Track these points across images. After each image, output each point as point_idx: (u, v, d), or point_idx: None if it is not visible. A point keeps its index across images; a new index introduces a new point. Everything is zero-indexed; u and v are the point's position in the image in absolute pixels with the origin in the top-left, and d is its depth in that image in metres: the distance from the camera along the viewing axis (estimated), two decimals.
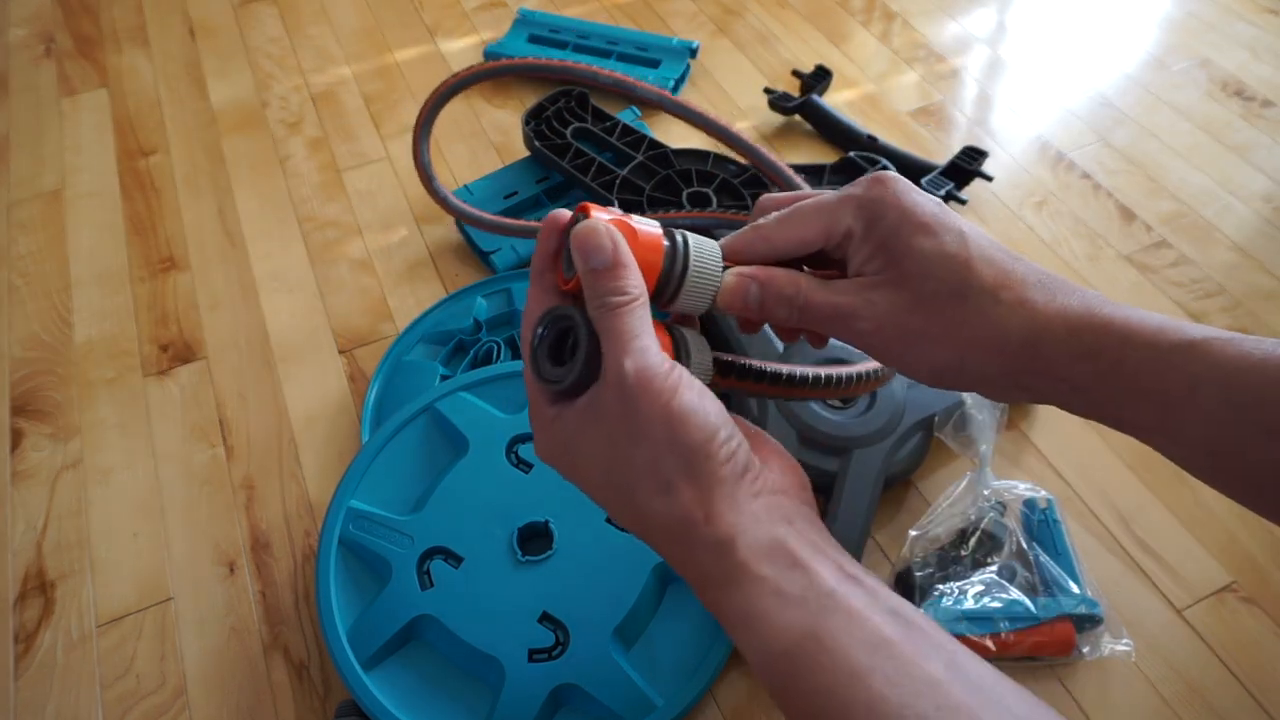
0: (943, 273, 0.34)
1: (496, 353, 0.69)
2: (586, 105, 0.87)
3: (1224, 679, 0.55)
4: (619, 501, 0.34)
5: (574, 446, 0.35)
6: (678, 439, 0.32)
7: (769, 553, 0.32)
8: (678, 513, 0.32)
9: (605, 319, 0.33)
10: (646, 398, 0.32)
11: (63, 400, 0.71)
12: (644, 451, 0.32)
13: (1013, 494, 0.61)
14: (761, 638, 0.31)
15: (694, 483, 0.32)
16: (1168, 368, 0.32)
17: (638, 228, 0.35)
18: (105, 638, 0.59)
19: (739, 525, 0.32)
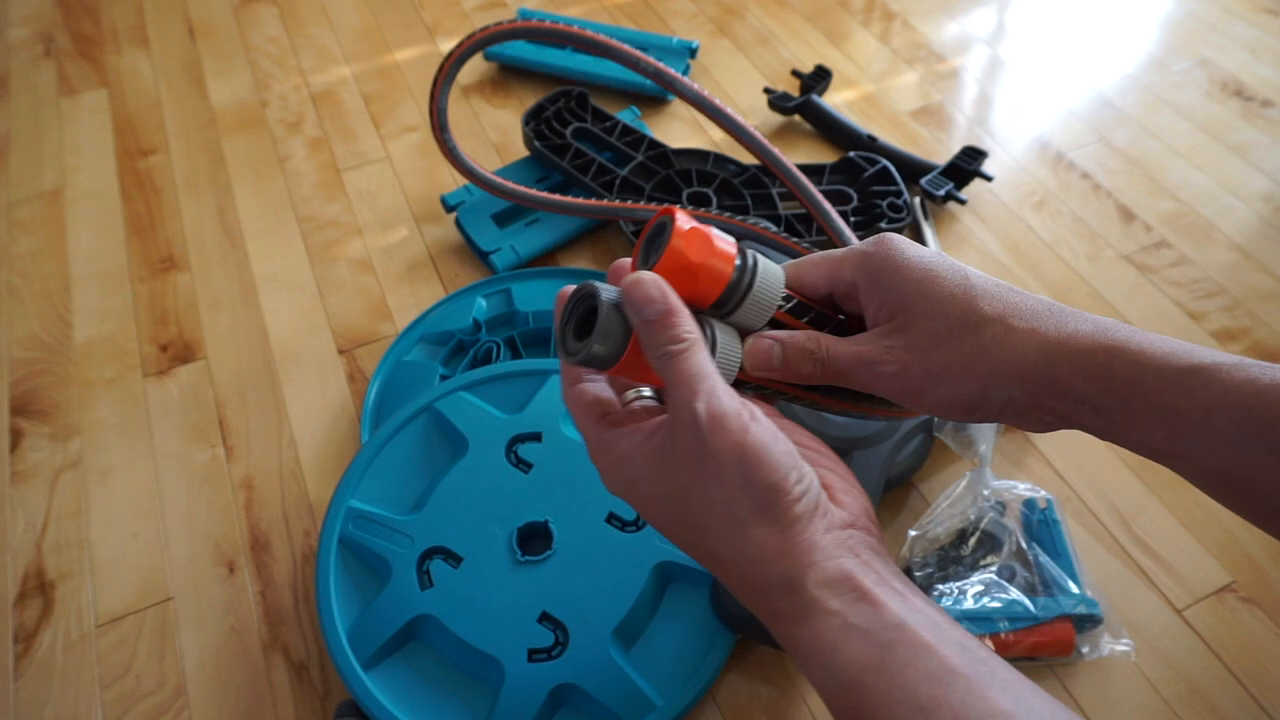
0: (951, 309, 0.36)
1: (496, 353, 0.69)
2: (586, 105, 0.87)
3: (1224, 679, 0.55)
4: (691, 538, 0.36)
5: (645, 486, 0.36)
6: (751, 478, 0.33)
7: (837, 586, 0.32)
8: (751, 552, 0.33)
9: (668, 367, 0.34)
10: (718, 437, 0.33)
11: (62, 400, 0.71)
12: (717, 491, 0.33)
13: (1012, 494, 0.61)
14: (830, 670, 0.31)
15: (767, 523, 0.33)
16: (1180, 391, 0.33)
17: (714, 236, 0.36)
18: (105, 638, 0.59)
19: (809, 561, 0.33)
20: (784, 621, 0.33)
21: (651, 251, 0.37)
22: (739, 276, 0.37)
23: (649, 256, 0.37)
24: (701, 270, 0.36)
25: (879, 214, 0.79)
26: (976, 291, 0.36)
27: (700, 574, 0.56)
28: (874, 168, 0.82)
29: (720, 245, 0.37)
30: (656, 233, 0.37)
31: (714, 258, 0.36)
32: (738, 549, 0.34)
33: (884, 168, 0.82)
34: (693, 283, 0.36)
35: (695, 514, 0.34)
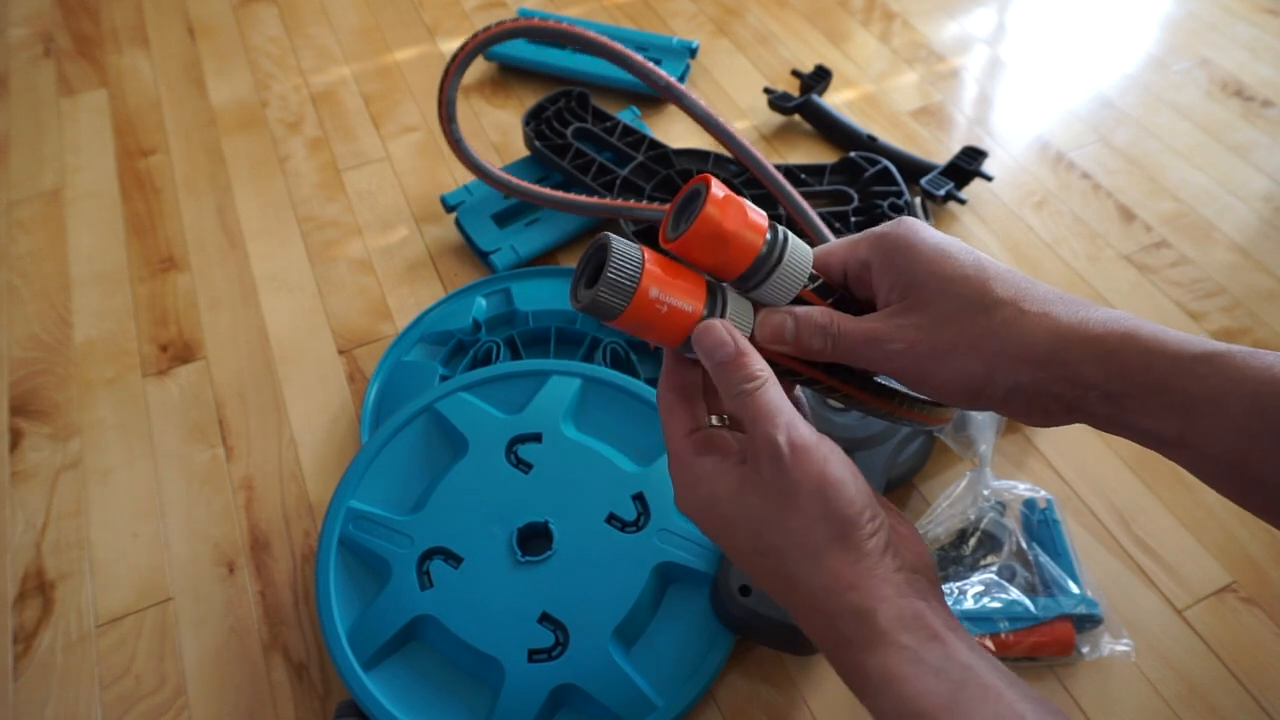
0: (963, 290, 0.36)
1: (496, 353, 0.69)
2: (587, 105, 0.87)
3: (1224, 679, 0.55)
4: (764, 565, 0.36)
5: (722, 510, 0.37)
6: (830, 509, 0.34)
7: (909, 624, 0.33)
8: (824, 580, 0.34)
9: (746, 405, 0.35)
10: (800, 468, 0.34)
11: (62, 400, 0.71)
12: (796, 520, 0.35)
13: (1012, 494, 0.61)
14: (899, 700, 0.32)
15: (843, 553, 0.34)
16: (1193, 378, 0.33)
17: (747, 207, 0.37)
18: (104, 638, 0.59)
19: (881, 595, 0.34)
20: (851, 649, 0.34)
21: (683, 218, 0.36)
22: (769, 250, 0.37)
23: (679, 223, 0.36)
24: (733, 239, 0.36)
25: (880, 214, 0.79)
26: (990, 274, 0.36)
27: (701, 574, 0.56)
28: (875, 168, 0.82)
29: (753, 217, 0.36)
30: (690, 200, 0.37)
31: (746, 228, 0.36)
32: (811, 577, 0.35)
33: (885, 168, 0.82)
34: (723, 251, 0.36)
35: (770, 542, 0.35)
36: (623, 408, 0.62)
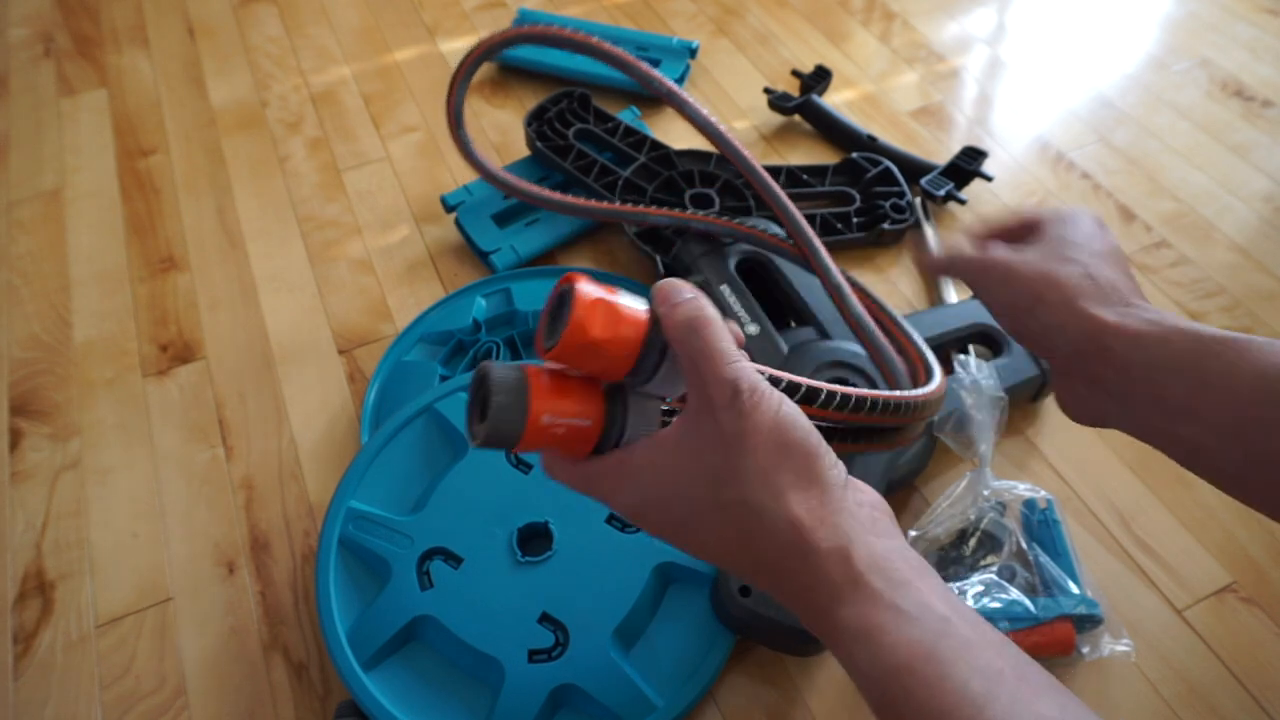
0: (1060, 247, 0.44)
1: (496, 353, 0.69)
2: (588, 106, 0.87)
3: (1224, 679, 0.55)
4: (723, 524, 0.34)
5: (670, 484, 0.35)
6: (790, 443, 0.33)
7: (881, 566, 0.32)
8: (791, 517, 0.33)
9: (695, 339, 0.34)
10: (757, 407, 0.33)
11: (62, 400, 0.71)
12: (755, 461, 0.33)
13: (1012, 494, 0.61)
14: (877, 652, 0.31)
15: (807, 486, 0.33)
16: (1207, 353, 0.36)
17: (619, 306, 0.34)
18: (104, 638, 0.59)
19: (851, 532, 0.33)
20: (825, 596, 0.33)
21: (556, 325, 0.34)
22: (649, 347, 0.35)
23: (553, 331, 0.34)
24: (607, 345, 0.34)
25: (882, 215, 0.79)
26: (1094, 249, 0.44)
27: (701, 574, 0.56)
28: (876, 169, 0.82)
29: (628, 312, 0.34)
30: (559, 304, 0.35)
31: (620, 329, 0.34)
32: (779, 518, 0.33)
33: (886, 169, 0.82)
34: (600, 358, 0.34)
35: (729, 495, 0.33)
36: None
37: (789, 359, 0.63)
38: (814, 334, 0.66)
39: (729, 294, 0.67)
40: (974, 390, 0.60)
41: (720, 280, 0.68)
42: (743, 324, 0.65)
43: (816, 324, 0.66)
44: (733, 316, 0.66)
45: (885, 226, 0.78)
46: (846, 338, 0.65)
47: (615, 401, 0.36)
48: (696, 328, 0.34)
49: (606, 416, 0.36)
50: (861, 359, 0.63)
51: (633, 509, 0.36)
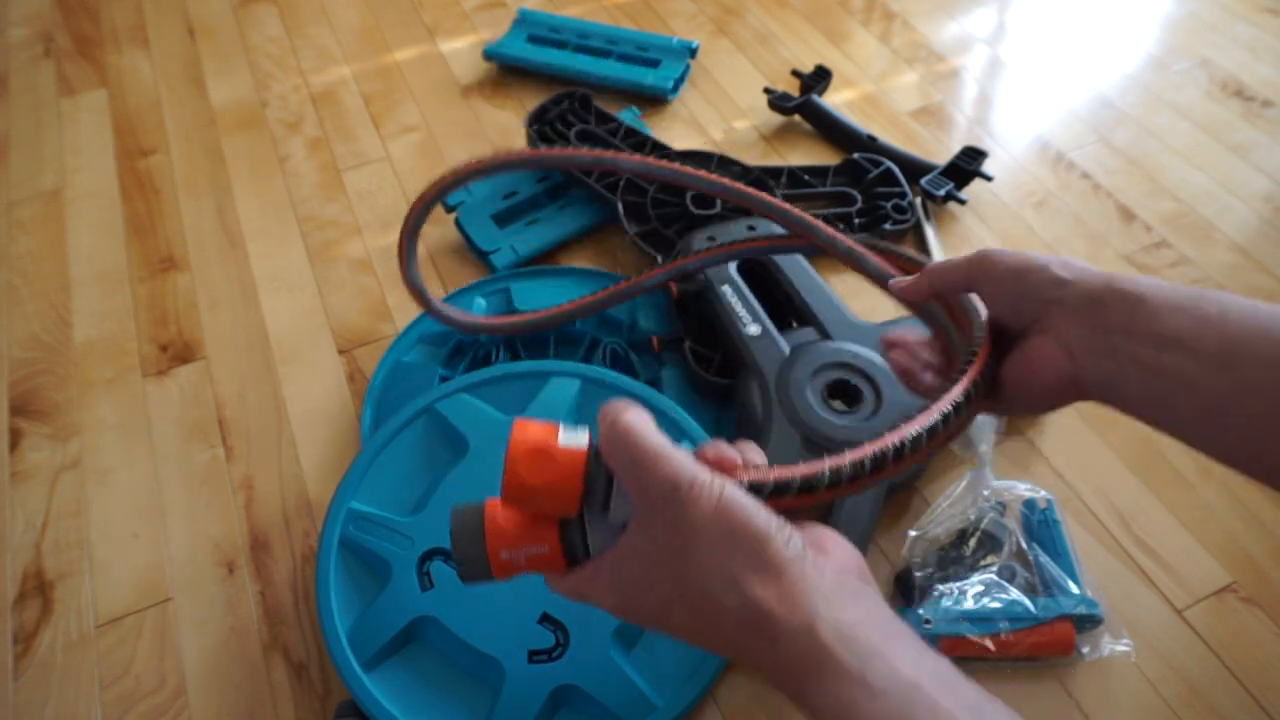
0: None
1: (495, 354, 0.69)
2: (590, 107, 0.87)
3: (1224, 679, 0.55)
4: (692, 614, 0.35)
5: (640, 585, 0.36)
6: (736, 530, 0.33)
7: (848, 639, 0.32)
8: (751, 603, 0.33)
9: (625, 448, 0.34)
10: (696, 501, 0.33)
11: (62, 400, 0.71)
12: (704, 552, 0.33)
13: (1012, 494, 0.61)
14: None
15: (760, 570, 0.33)
16: (1200, 299, 0.37)
17: (558, 445, 0.36)
18: (104, 638, 0.59)
19: (814, 608, 0.33)
20: (796, 677, 0.33)
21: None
22: (593, 472, 0.36)
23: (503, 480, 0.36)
24: (543, 490, 0.35)
25: (883, 215, 0.79)
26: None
27: None
28: (878, 169, 0.82)
29: (563, 452, 0.35)
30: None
31: (553, 470, 0.35)
32: (738, 603, 0.33)
33: (888, 169, 0.82)
34: (543, 500, 0.36)
35: (690, 582, 0.34)
36: None
37: (790, 359, 0.63)
38: (815, 334, 0.66)
39: (730, 294, 0.67)
40: None
41: (721, 281, 0.68)
42: (744, 324, 0.65)
43: (818, 324, 0.66)
44: (734, 317, 0.66)
45: (886, 227, 0.78)
46: (848, 338, 0.65)
47: (569, 525, 0.37)
48: (624, 435, 0.34)
49: (563, 540, 0.37)
50: (863, 360, 0.63)
51: (616, 609, 0.37)
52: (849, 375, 0.63)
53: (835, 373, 0.63)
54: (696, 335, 0.68)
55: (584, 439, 0.36)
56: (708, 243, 0.71)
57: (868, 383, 0.63)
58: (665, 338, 0.68)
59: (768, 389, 0.62)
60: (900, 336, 0.47)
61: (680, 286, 0.69)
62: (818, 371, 0.63)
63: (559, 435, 0.36)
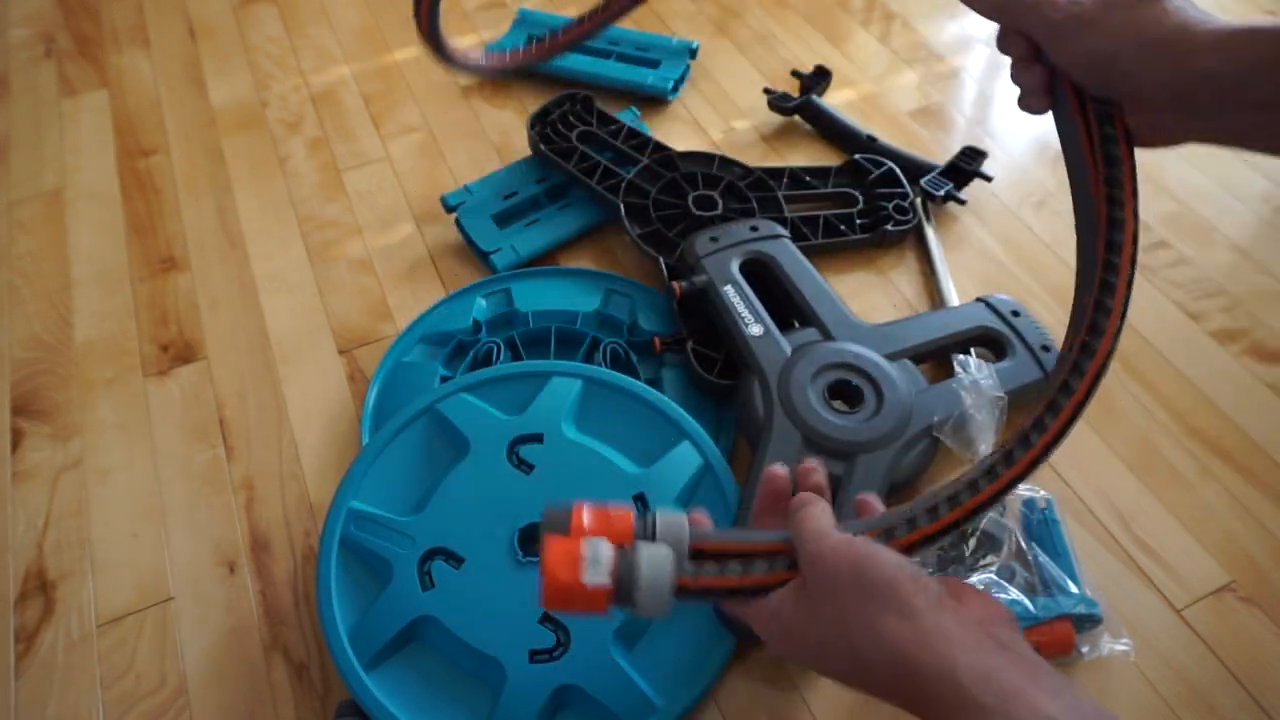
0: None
1: (496, 354, 0.69)
2: (591, 109, 0.87)
3: (1223, 678, 0.56)
4: (838, 657, 0.38)
5: (799, 628, 0.40)
6: (867, 579, 0.37)
7: (990, 683, 0.34)
8: (890, 645, 0.36)
9: (794, 523, 0.42)
10: (836, 559, 0.38)
11: (63, 400, 0.71)
12: (849, 602, 0.37)
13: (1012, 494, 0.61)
14: None
15: (895, 615, 0.36)
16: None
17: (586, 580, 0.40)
18: (105, 638, 0.59)
19: (952, 654, 0.35)
20: (938, 714, 0.35)
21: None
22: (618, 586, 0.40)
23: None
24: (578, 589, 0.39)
25: (885, 216, 0.79)
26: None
27: None
28: (879, 170, 0.82)
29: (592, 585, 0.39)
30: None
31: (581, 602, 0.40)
32: (877, 646, 0.36)
33: (889, 170, 0.82)
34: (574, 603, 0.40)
35: (835, 634, 0.37)
36: (624, 409, 0.62)
37: (792, 360, 0.64)
38: (817, 335, 0.66)
39: (732, 294, 0.67)
40: (974, 390, 0.60)
41: (724, 281, 0.68)
42: (746, 324, 0.66)
43: (820, 325, 0.66)
44: (736, 317, 0.66)
45: (888, 228, 0.78)
46: (849, 339, 0.65)
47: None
48: (795, 521, 0.42)
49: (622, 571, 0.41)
50: (864, 360, 0.63)
51: (783, 648, 0.42)
52: (850, 376, 0.63)
53: (837, 373, 0.63)
54: (699, 336, 0.68)
55: (606, 576, 0.40)
56: (711, 243, 0.71)
57: (869, 383, 0.63)
58: (668, 338, 0.68)
59: (769, 389, 0.62)
60: None
61: (683, 287, 0.69)
62: (819, 372, 0.63)
63: (581, 574, 0.40)
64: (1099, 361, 0.45)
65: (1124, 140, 0.47)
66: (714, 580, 0.42)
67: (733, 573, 0.42)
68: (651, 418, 0.62)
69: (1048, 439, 0.45)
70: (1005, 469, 0.44)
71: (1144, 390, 0.70)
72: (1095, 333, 0.45)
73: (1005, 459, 0.45)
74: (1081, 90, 0.47)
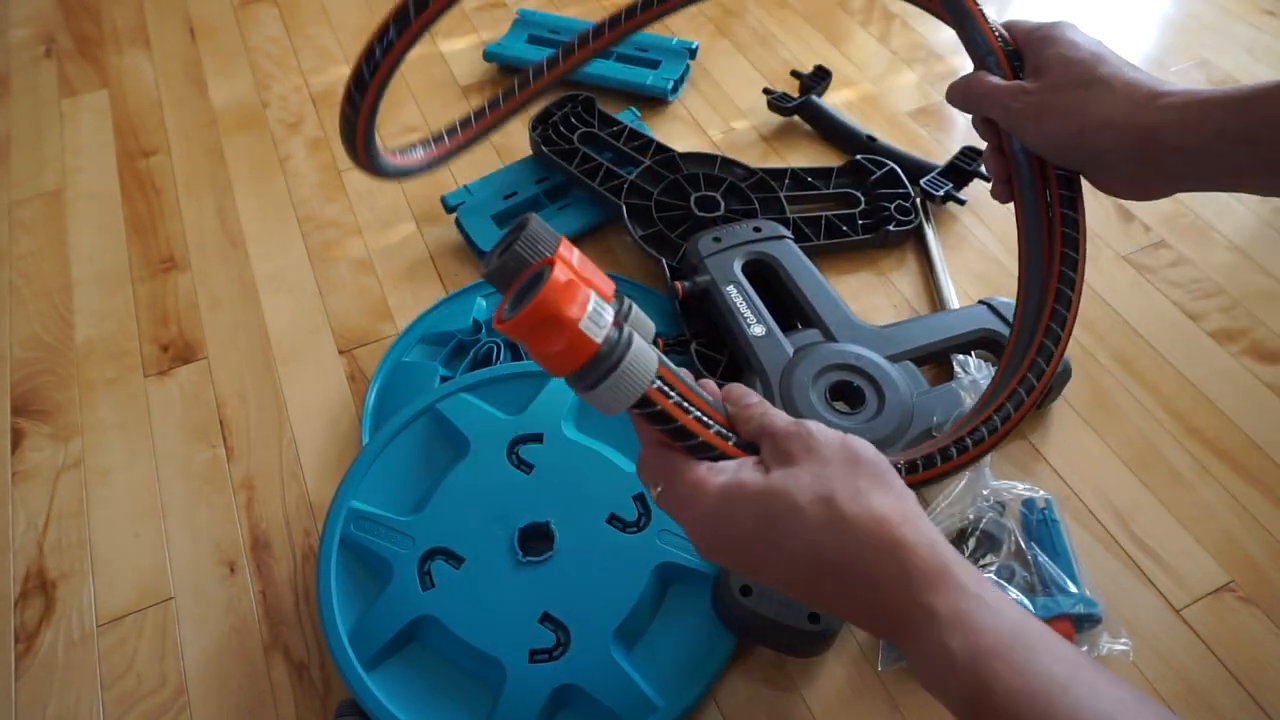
0: (1076, 70, 0.46)
1: (496, 354, 0.69)
2: (593, 110, 0.87)
3: (1222, 678, 0.56)
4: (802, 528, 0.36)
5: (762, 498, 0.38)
6: (860, 458, 0.38)
7: (960, 560, 0.36)
8: (876, 512, 0.36)
9: (763, 419, 0.40)
10: (823, 432, 0.39)
11: (63, 400, 0.71)
12: (831, 467, 0.37)
13: (1011, 494, 0.61)
14: (968, 637, 0.33)
15: (883, 489, 0.37)
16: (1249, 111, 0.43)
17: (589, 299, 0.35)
18: (106, 637, 0.59)
19: (931, 532, 0.36)
20: (913, 590, 0.35)
21: (524, 298, 0.35)
22: (608, 350, 0.35)
23: (519, 302, 0.35)
24: (570, 327, 0.34)
25: (887, 216, 0.79)
26: (1103, 60, 0.46)
27: (701, 575, 0.56)
28: (881, 170, 0.82)
29: (586, 331, 0.35)
30: (532, 282, 0.35)
31: (560, 343, 0.34)
32: (862, 514, 0.36)
33: (891, 170, 0.82)
34: (556, 338, 0.34)
35: (810, 494, 0.36)
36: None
37: (794, 360, 0.64)
38: (819, 336, 0.66)
39: (735, 294, 0.67)
40: (973, 390, 0.60)
41: (726, 281, 0.68)
42: (748, 325, 0.66)
43: (822, 326, 0.67)
44: (739, 317, 0.66)
45: (890, 229, 0.78)
46: (851, 340, 0.65)
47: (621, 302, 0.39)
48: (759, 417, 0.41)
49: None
50: (866, 362, 0.63)
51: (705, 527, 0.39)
52: (852, 377, 0.63)
53: (838, 374, 0.63)
54: (702, 337, 0.68)
55: (600, 335, 0.35)
56: (714, 244, 0.71)
57: (870, 385, 0.63)
58: (670, 340, 0.68)
59: (771, 389, 0.62)
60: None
61: (686, 287, 0.69)
62: (821, 373, 0.63)
63: (583, 318, 0.35)
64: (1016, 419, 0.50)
65: (1080, 208, 0.51)
66: (678, 411, 0.38)
67: (703, 422, 0.39)
68: None
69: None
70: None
71: (1143, 390, 0.70)
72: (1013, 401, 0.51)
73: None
74: (1044, 163, 0.51)
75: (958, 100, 0.53)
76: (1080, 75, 0.46)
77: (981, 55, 0.52)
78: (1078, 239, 0.51)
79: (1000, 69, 0.51)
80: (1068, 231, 0.51)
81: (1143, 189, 0.48)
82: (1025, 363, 0.51)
